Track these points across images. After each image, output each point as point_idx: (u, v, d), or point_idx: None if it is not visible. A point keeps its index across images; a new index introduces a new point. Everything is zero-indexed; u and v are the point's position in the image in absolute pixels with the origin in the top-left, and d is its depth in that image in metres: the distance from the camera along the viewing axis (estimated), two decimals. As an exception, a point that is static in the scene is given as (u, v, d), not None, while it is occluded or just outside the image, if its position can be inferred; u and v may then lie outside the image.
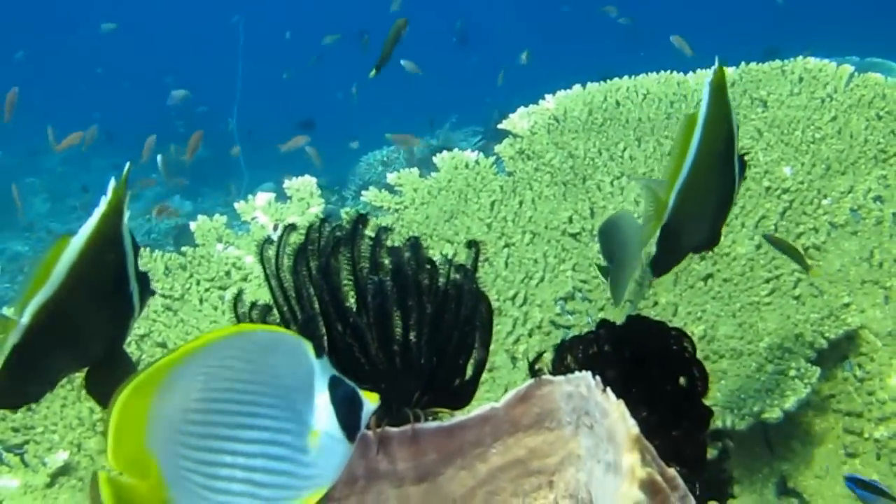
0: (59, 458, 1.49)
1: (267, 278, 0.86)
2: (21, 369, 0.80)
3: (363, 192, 1.80)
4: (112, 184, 0.83)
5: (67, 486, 1.49)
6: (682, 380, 0.89)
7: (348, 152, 5.67)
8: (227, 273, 1.66)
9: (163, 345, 1.59)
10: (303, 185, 1.74)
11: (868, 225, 1.43)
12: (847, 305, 1.31)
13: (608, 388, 0.78)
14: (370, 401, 0.57)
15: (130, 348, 1.56)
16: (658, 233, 0.96)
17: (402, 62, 4.50)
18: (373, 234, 0.86)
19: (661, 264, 1.01)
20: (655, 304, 1.44)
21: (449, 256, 0.88)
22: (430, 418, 0.93)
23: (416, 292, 0.86)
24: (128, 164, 0.84)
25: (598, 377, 0.79)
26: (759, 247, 1.45)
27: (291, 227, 0.88)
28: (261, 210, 1.75)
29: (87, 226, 0.81)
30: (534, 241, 1.58)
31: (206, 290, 1.66)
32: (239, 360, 0.51)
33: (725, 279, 1.43)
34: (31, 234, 6.43)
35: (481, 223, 1.63)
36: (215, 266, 1.67)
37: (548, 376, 0.84)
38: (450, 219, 1.67)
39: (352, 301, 0.85)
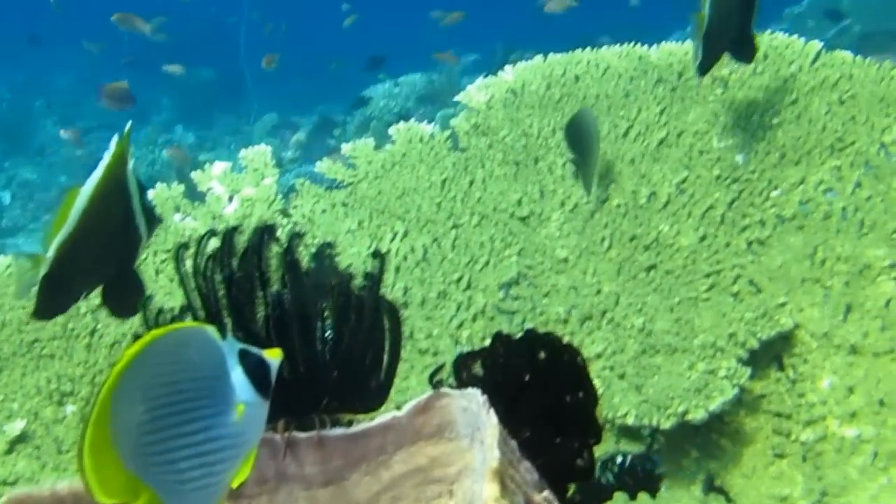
0: (17, 426, 1.52)
1: (182, 282, 0.89)
2: (51, 291, 1.06)
3: (317, 163, 1.78)
4: (115, 139, 1.03)
5: (24, 454, 1.52)
6: (575, 394, 0.90)
7: (363, 81, 5.56)
8: (185, 245, 1.66)
9: (116, 316, 1.59)
10: (257, 156, 1.71)
11: (815, 220, 1.40)
12: (782, 305, 1.30)
13: (491, 410, 0.80)
14: (274, 357, 0.63)
15: (86, 318, 1.57)
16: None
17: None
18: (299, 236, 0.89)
19: (703, 63, 1.42)
20: (599, 292, 1.43)
21: (355, 267, 0.89)
22: (349, 421, 0.96)
23: (317, 304, 0.88)
24: (129, 122, 1.05)
25: (484, 396, 0.82)
26: (703, 238, 1.43)
27: (210, 234, 0.92)
28: (217, 180, 1.73)
29: (93, 176, 1.03)
30: (482, 223, 1.56)
31: (163, 261, 1.66)
32: (162, 364, 0.57)
33: (668, 271, 1.42)
34: (42, 158, 6.41)
35: (431, 202, 1.61)
36: (172, 237, 1.66)
37: (446, 389, 0.88)
38: (402, 195, 1.65)
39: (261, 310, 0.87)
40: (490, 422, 0.78)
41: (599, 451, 1.28)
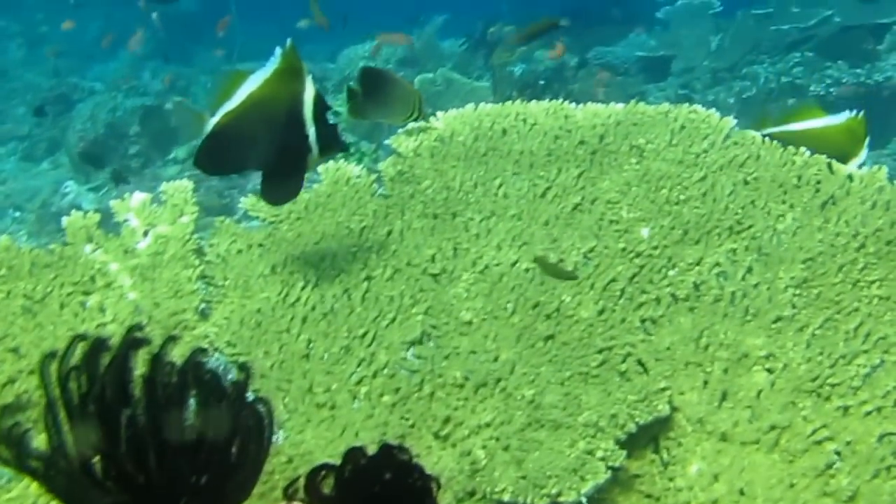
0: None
1: (45, 388, 0.91)
2: (212, 150, 1.30)
3: (243, 199, 1.79)
4: (278, 50, 1.28)
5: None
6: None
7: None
8: (93, 279, 1.65)
9: (14, 350, 1.55)
10: (177, 191, 1.72)
11: (706, 303, 1.45)
12: (663, 390, 1.35)
13: None
14: None
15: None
16: None
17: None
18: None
19: None
20: (496, 359, 1.48)
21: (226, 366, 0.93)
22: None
23: (176, 419, 0.92)
24: (289, 39, 1.31)
25: None
26: (601, 312, 1.48)
27: (79, 338, 0.93)
28: (134, 212, 1.73)
29: (265, 69, 1.26)
30: (394, 277, 1.60)
31: (69, 294, 1.64)
32: None
33: (564, 342, 1.47)
34: (4, 82, 6.25)
35: (347, 250, 1.65)
36: (80, 269, 1.65)
37: (298, 502, 0.94)
38: (319, 241, 1.68)
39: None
40: None
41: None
